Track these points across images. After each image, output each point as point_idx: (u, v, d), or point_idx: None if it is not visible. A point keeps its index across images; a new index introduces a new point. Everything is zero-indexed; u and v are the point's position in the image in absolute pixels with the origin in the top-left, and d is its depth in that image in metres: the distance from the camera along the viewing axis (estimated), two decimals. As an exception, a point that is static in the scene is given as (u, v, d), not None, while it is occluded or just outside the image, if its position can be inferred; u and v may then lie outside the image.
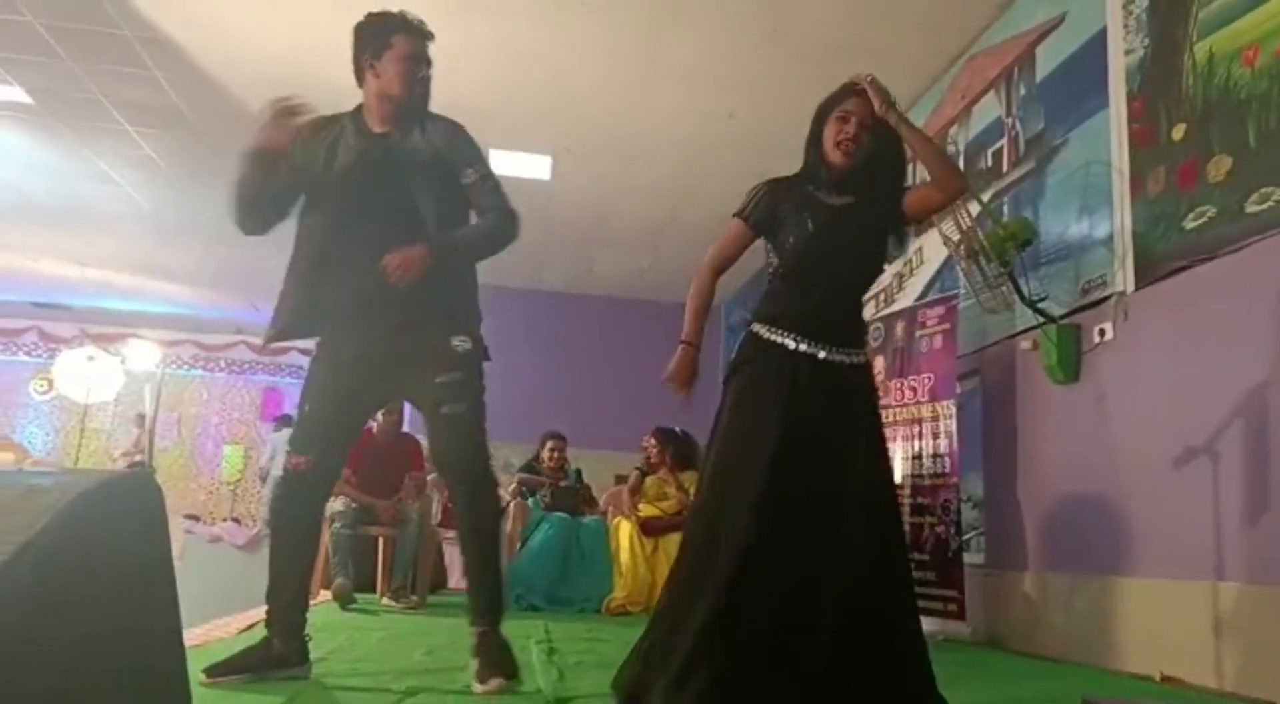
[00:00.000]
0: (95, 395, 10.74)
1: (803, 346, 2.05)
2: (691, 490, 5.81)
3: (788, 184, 2.20)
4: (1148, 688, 2.91)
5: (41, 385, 12.51)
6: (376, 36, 2.39)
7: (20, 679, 0.80)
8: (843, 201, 2.14)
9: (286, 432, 11.62)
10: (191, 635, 2.46)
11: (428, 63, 2.43)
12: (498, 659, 2.19)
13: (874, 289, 5.52)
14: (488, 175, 2.39)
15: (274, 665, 2.24)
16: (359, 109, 2.46)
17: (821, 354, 2.05)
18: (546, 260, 8.74)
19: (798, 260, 2.12)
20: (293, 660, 2.28)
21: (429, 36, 2.42)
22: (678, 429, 5.99)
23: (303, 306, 2.35)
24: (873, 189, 2.13)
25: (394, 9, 2.44)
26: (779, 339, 2.07)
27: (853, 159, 2.11)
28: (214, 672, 2.15)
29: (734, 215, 2.22)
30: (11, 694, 0.79)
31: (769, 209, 2.17)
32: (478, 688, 2.14)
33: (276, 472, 11.22)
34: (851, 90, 2.14)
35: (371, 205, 2.32)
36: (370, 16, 2.42)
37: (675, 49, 5.04)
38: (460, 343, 2.32)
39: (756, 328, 2.13)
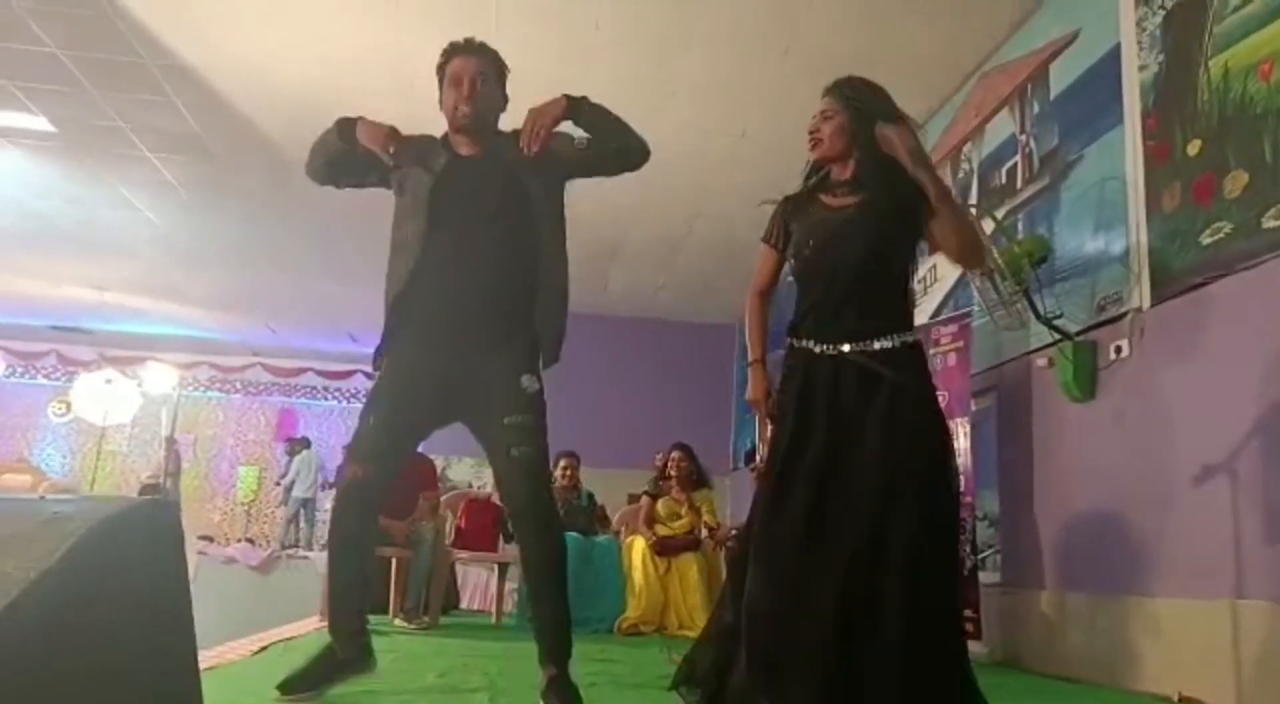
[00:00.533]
0: (113, 418, 10.84)
1: (817, 347, 2.08)
2: (702, 509, 5.80)
3: (799, 196, 2.26)
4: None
5: (60, 408, 12.63)
6: (437, 70, 2.45)
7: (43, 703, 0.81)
8: (848, 200, 2.14)
9: (305, 454, 11.65)
10: (205, 658, 2.46)
11: (485, 77, 2.42)
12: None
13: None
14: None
15: (343, 671, 2.29)
16: (446, 135, 2.49)
17: (835, 350, 2.06)
18: (560, 280, 8.74)
19: (802, 265, 2.17)
20: (359, 663, 2.32)
21: (476, 50, 2.44)
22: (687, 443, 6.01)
23: (395, 324, 2.37)
24: (889, 183, 2.10)
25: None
26: (798, 344, 2.13)
27: (822, 150, 2.17)
28: (290, 689, 2.18)
29: (761, 241, 2.30)
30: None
31: (784, 225, 2.24)
32: None
33: (299, 493, 11.27)
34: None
35: (460, 223, 2.34)
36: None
37: (686, 67, 5.07)
38: (529, 383, 2.33)
39: (788, 339, 2.18)
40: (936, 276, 5.14)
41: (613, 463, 7.36)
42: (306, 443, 11.67)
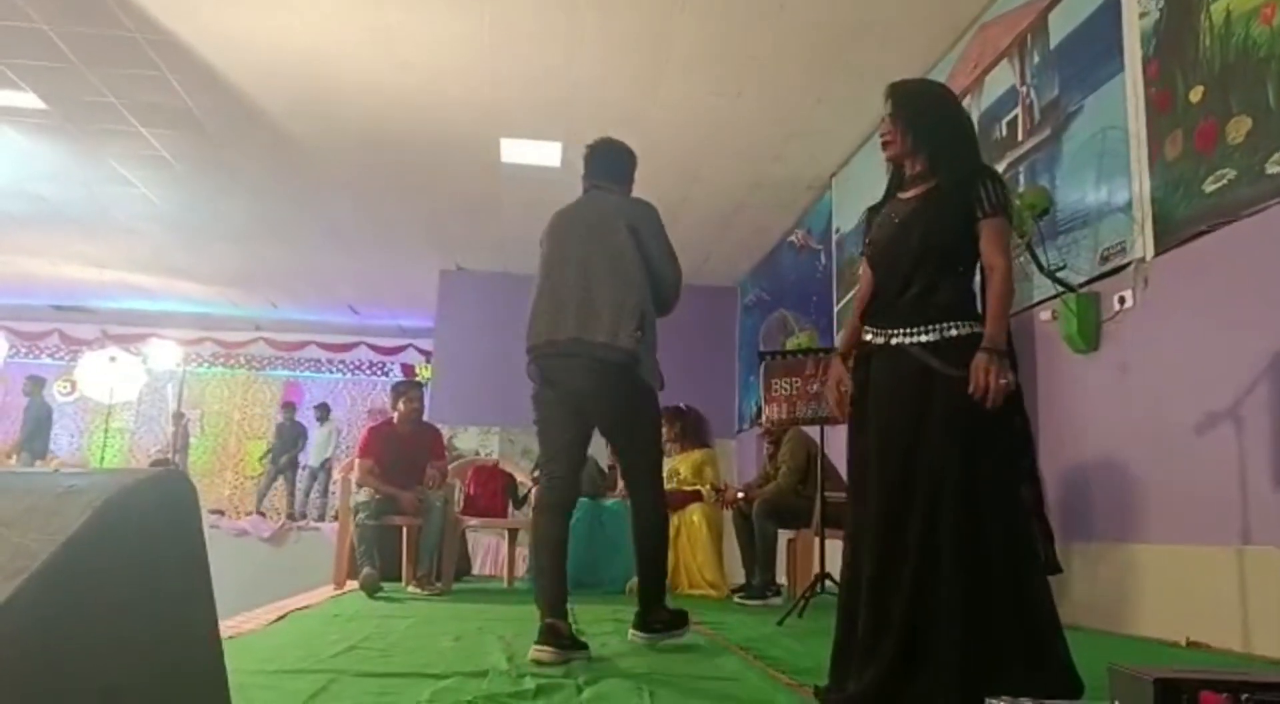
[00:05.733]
0: (118, 395, 10.86)
1: (877, 339, 2.07)
2: (706, 470, 5.82)
3: (880, 202, 2.23)
4: (1174, 654, 2.91)
5: (65, 387, 12.66)
6: None
7: (67, 677, 0.82)
8: (918, 190, 2.11)
9: (328, 424, 11.60)
10: (223, 628, 2.50)
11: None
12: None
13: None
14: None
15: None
16: None
17: (887, 340, 2.04)
18: (560, 246, 8.73)
19: (868, 259, 2.17)
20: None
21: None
22: (682, 405, 6.00)
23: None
24: (958, 166, 2.08)
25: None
26: (862, 334, 2.13)
27: (893, 150, 2.13)
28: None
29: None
30: (62, 691, 0.81)
31: (868, 230, 2.23)
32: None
33: (313, 462, 11.29)
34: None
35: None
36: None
37: (682, 31, 5.01)
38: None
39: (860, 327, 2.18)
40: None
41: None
42: (327, 409, 11.81)
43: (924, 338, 2.00)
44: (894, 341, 2.03)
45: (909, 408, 1.98)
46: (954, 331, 2.00)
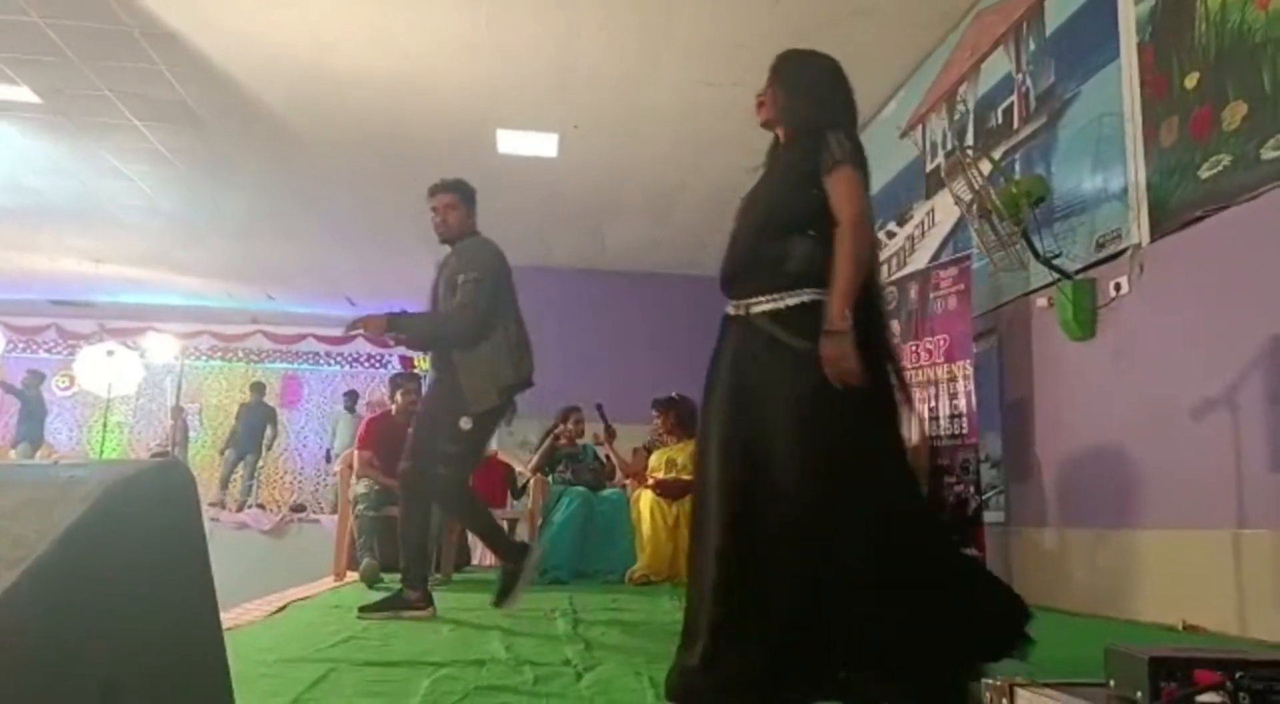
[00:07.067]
0: (117, 389, 10.86)
1: (737, 311, 2.00)
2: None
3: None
4: (1171, 637, 2.93)
5: (63, 381, 12.66)
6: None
7: (68, 668, 0.83)
8: (775, 162, 2.15)
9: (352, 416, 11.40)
10: (224, 619, 2.51)
11: (453, 205, 3.56)
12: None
13: (888, 252, 5.50)
14: (467, 280, 3.39)
15: (408, 607, 3.23)
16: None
17: (741, 311, 1.98)
18: (555, 238, 8.74)
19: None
20: (422, 605, 3.26)
21: (443, 188, 3.57)
22: (674, 394, 6.01)
23: None
24: (804, 146, 2.03)
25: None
26: (726, 309, 2.07)
27: (764, 113, 2.19)
28: (365, 610, 3.21)
29: None
30: (63, 682, 0.82)
31: None
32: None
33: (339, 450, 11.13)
34: None
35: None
36: None
37: (679, 19, 5.00)
38: (464, 422, 3.25)
39: None
40: (935, 220, 5.12)
41: (614, 417, 7.41)
42: (355, 396, 11.47)
43: (768, 307, 1.92)
44: (747, 312, 1.96)
45: (748, 379, 1.90)
46: (795, 299, 1.90)
